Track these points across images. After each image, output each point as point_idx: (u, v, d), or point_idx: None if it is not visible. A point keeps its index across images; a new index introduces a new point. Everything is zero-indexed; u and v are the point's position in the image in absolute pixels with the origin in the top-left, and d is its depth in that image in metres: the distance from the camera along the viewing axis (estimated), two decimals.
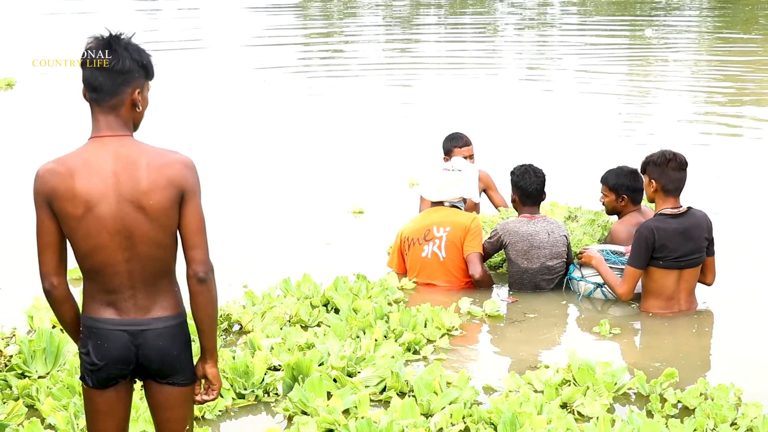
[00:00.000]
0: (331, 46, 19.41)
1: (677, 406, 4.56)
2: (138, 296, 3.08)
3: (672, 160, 5.66)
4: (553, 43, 20.11)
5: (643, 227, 5.66)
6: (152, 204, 3.00)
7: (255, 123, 11.90)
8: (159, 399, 3.19)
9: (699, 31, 20.99)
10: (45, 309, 5.49)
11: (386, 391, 4.66)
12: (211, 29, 21.36)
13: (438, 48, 19.27)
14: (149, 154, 3.03)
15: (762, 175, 9.19)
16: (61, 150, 3.20)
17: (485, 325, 5.71)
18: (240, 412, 4.56)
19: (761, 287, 6.31)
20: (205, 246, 3.08)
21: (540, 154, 6.95)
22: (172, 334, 3.11)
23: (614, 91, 14.07)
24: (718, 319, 5.82)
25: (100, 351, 3.09)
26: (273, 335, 5.22)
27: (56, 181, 2.99)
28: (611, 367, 4.75)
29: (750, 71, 15.39)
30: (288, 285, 5.92)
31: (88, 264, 3.06)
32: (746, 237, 7.24)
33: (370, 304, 5.52)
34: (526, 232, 6.13)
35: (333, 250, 7.15)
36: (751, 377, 4.92)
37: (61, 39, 18.20)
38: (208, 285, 3.08)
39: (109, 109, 3.04)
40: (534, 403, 4.36)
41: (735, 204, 8.12)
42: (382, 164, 9.76)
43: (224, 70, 15.91)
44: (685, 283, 5.73)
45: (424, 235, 6.19)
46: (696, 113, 12.54)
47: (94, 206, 2.99)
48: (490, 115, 12.28)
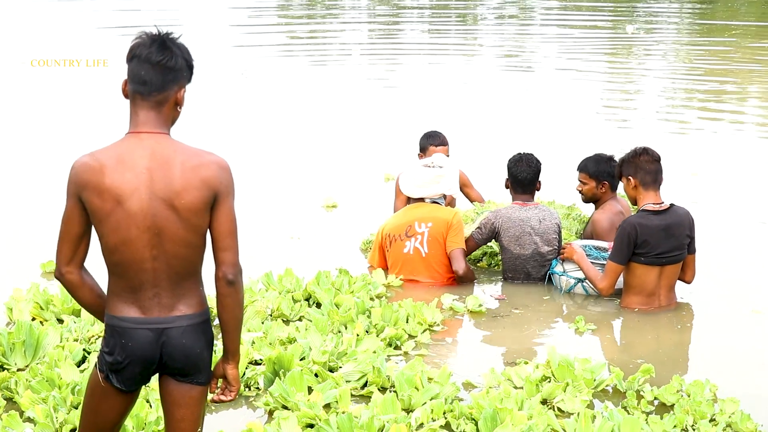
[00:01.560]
0: (312, 32, 19.35)
1: (653, 403, 4.58)
2: (162, 295, 3.08)
3: (643, 154, 5.74)
4: (533, 34, 20.17)
5: (626, 223, 5.68)
6: (184, 204, 3.02)
7: (231, 113, 11.86)
8: (176, 396, 3.18)
9: (679, 27, 21.08)
10: (25, 301, 5.46)
11: (367, 386, 4.66)
12: (189, 13, 21.29)
13: (421, 36, 19.26)
14: (185, 153, 3.05)
15: (737, 172, 9.26)
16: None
17: (467, 321, 5.72)
18: (221, 406, 4.54)
19: (736, 283, 6.36)
20: (235, 248, 3.09)
21: (511, 148, 6.95)
22: (195, 332, 3.12)
23: (592, 88, 14.13)
24: (695, 314, 5.86)
25: (124, 350, 3.09)
26: (254, 329, 5.21)
27: (88, 176, 3.02)
28: (590, 364, 4.77)
29: (729, 68, 15.48)
30: (270, 279, 5.91)
31: (115, 259, 3.07)
32: (721, 233, 7.29)
33: (352, 299, 5.52)
34: (518, 217, 6.19)
35: (301, 245, 7.10)
36: (727, 372, 4.96)
37: (47, 38, 18.10)
38: (236, 287, 3.10)
39: (153, 105, 3.06)
40: (515, 399, 4.37)
41: (710, 200, 8.17)
42: (357, 157, 9.73)
43: (200, 54, 15.85)
44: (665, 279, 5.76)
45: (405, 231, 6.19)
46: (674, 108, 12.61)
47: (125, 201, 3.01)
48: (467, 107, 12.32)
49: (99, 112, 11.45)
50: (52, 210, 4.82)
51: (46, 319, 5.38)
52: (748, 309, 5.89)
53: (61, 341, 4.98)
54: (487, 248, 6.63)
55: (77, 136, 10.30)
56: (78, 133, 10.61)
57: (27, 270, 6.34)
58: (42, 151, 9.85)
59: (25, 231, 7.25)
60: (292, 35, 18.87)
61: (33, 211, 7.69)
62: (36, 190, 8.35)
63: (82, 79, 13.96)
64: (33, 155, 9.72)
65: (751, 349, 5.35)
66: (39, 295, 5.49)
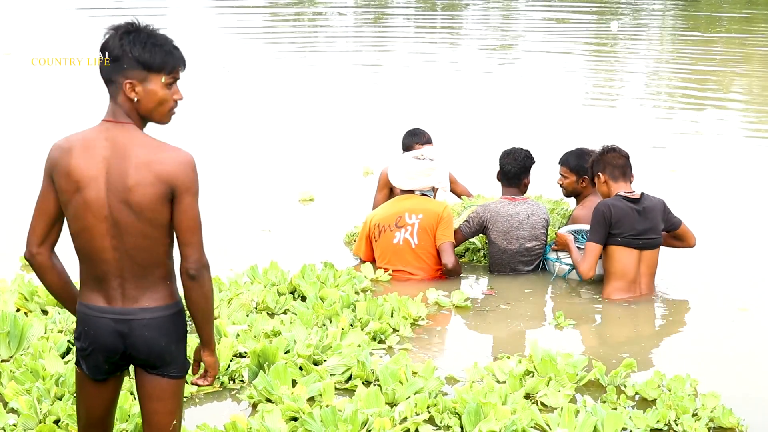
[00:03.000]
0: (297, 14, 19.29)
1: (634, 398, 4.61)
2: (126, 286, 3.08)
3: (610, 151, 5.99)
4: (517, 30, 20.19)
5: (600, 204, 5.89)
6: (135, 199, 3.00)
7: (211, 105, 11.82)
8: (148, 389, 3.18)
9: (662, 26, 21.15)
10: (9, 292, 5.45)
11: (352, 379, 4.67)
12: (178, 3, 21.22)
13: (407, 23, 19.24)
14: (144, 147, 3.03)
15: (717, 169, 9.32)
16: None
17: (452, 315, 5.73)
18: (205, 398, 4.55)
19: (716, 279, 6.41)
20: (197, 244, 3.07)
21: (497, 142, 6.98)
22: (159, 325, 3.10)
23: (576, 86, 14.17)
24: (676, 307, 5.93)
25: (88, 337, 3.11)
26: (239, 322, 5.21)
27: (58, 156, 3.06)
28: (572, 358, 4.80)
29: (713, 67, 15.55)
30: (255, 272, 5.91)
31: (78, 245, 3.09)
32: (701, 227, 7.35)
33: (337, 292, 5.52)
34: (506, 212, 6.23)
35: (281, 239, 7.09)
36: (707, 367, 5.00)
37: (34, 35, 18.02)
38: (199, 281, 3.08)
39: (111, 94, 3.09)
40: (498, 394, 4.39)
41: (688, 197, 8.22)
42: (336, 151, 9.71)
43: (183, 42, 15.78)
44: (645, 266, 5.89)
45: (395, 222, 6.19)
46: (655, 104, 12.66)
47: (83, 188, 3.02)
48: (450, 100, 12.32)
49: (95, 111, 11.37)
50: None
51: (31, 310, 5.37)
52: (728, 304, 5.94)
53: (45, 332, 4.97)
54: (469, 244, 6.64)
55: (67, 132, 10.25)
56: (69, 129, 10.55)
57: (11, 261, 6.32)
58: (29, 146, 9.81)
59: (9, 223, 7.23)
60: (276, 19, 18.81)
61: (16, 204, 7.66)
62: (20, 183, 8.31)
63: (83, 78, 13.89)
64: (21, 150, 9.68)
65: (731, 343, 5.40)
66: (24, 286, 5.48)
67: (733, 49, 17.18)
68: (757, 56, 16.59)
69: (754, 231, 7.46)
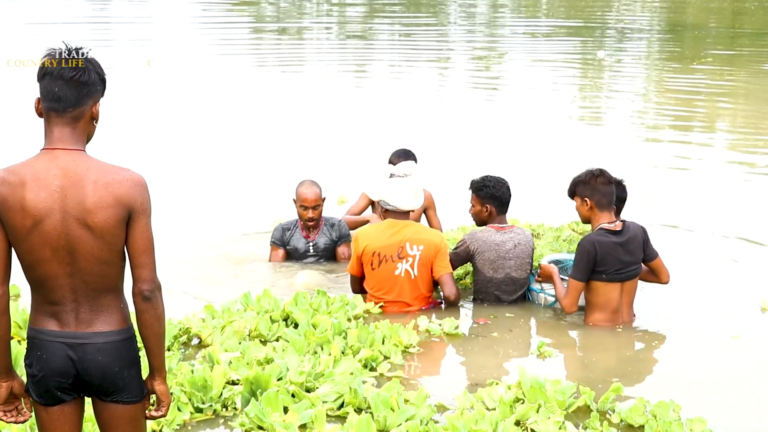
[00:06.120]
0: (282, 38, 19.30)
1: (620, 425, 4.66)
2: (80, 310, 3.08)
3: (599, 176, 5.91)
4: (503, 56, 20.31)
5: (586, 241, 5.83)
6: (97, 222, 3.00)
7: (185, 127, 11.80)
8: (105, 417, 3.18)
9: (649, 52, 21.31)
10: None
11: (344, 407, 4.71)
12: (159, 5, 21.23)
13: (392, 42, 19.30)
14: (99, 170, 3.03)
15: (693, 198, 9.38)
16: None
17: (443, 342, 5.77)
18: (198, 426, 4.58)
19: (696, 305, 6.47)
20: (151, 265, 3.08)
21: (473, 169, 7.02)
22: (113, 350, 3.10)
23: (561, 112, 14.26)
24: (657, 332, 5.98)
25: (39, 362, 3.09)
26: (232, 349, 5.25)
27: (7, 192, 2.99)
28: (561, 385, 4.84)
29: (697, 98, 15.68)
30: (248, 299, 5.95)
31: (32, 275, 3.07)
32: (677, 252, 7.42)
33: (329, 319, 5.56)
34: (493, 241, 6.24)
35: (247, 268, 7.11)
36: (688, 391, 5.05)
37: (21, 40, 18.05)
38: (153, 303, 3.09)
39: (68, 121, 3.04)
40: (489, 421, 4.43)
41: (664, 225, 8.28)
42: (310, 177, 9.72)
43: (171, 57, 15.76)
44: (626, 295, 5.94)
45: (397, 253, 6.12)
46: (639, 137, 12.75)
47: (40, 221, 2.99)
48: (427, 126, 12.35)
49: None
50: None
51: (24, 338, 5.40)
52: (712, 332, 5.99)
53: None
54: (470, 267, 6.63)
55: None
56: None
57: None
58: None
59: None
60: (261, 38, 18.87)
61: None
62: None
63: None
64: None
65: (712, 368, 5.45)
66: (17, 314, 5.51)
67: (717, 81, 17.33)
68: (740, 90, 16.71)
69: (729, 257, 7.53)
